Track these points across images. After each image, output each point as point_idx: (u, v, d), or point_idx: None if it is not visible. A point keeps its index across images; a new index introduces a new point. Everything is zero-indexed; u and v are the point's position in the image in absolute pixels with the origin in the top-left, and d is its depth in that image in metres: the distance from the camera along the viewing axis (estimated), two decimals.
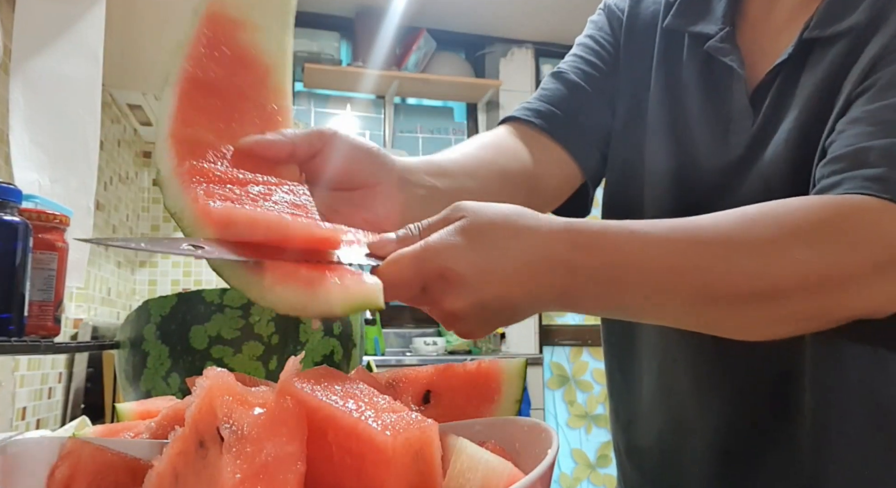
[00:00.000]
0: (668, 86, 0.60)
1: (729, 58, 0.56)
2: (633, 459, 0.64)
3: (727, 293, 0.39)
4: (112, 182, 1.80)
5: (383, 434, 0.26)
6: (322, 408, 0.27)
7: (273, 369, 0.59)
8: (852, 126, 0.45)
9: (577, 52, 0.65)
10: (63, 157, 0.96)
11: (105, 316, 1.76)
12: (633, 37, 0.64)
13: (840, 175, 0.43)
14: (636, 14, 0.64)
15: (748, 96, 0.55)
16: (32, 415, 1.22)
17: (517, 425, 0.35)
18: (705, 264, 0.39)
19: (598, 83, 0.63)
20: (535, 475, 0.27)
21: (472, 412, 0.40)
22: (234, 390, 0.27)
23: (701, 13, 0.59)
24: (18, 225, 0.64)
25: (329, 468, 0.27)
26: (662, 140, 0.60)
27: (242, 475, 0.24)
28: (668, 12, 0.61)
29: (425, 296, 0.37)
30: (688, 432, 0.57)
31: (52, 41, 0.97)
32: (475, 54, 3.07)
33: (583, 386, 2.93)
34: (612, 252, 0.38)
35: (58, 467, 0.33)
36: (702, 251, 0.39)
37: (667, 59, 0.61)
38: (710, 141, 0.56)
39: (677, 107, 0.59)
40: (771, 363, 0.52)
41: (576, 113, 0.61)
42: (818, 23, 0.51)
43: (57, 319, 0.73)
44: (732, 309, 0.40)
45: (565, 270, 0.37)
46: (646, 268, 0.38)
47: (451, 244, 0.36)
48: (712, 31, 0.57)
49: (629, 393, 0.63)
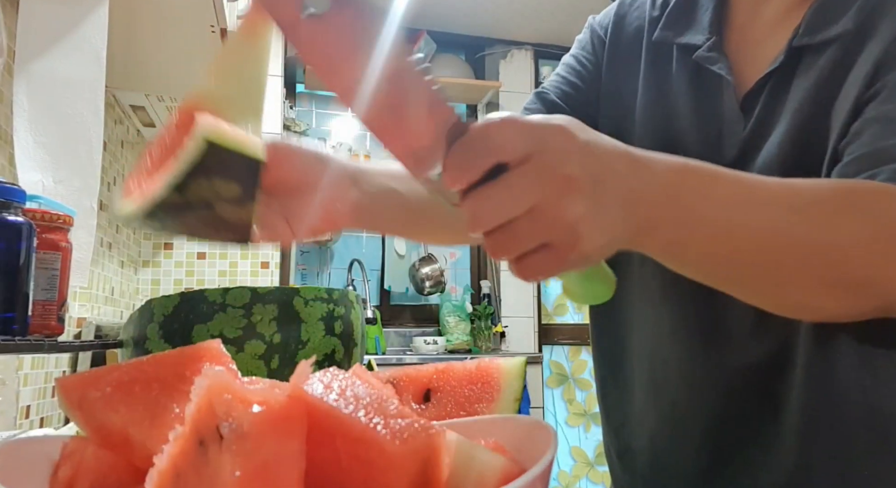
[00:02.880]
0: (656, 98, 0.61)
1: (717, 66, 0.57)
2: (624, 461, 0.64)
3: (796, 237, 0.39)
4: (115, 182, 1.81)
5: (392, 441, 0.26)
6: (331, 414, 0.27)
7: (275, 368, 0.59)
8: (869, 127, 0.46)
9: (561, 71, 0.68)
10: (66, 158, 0.96)
11: (108, 315, 1.77)
12: (617, 53, 0.65)
13: (867, 172, 0.44)
14: (620, 30, 0.66)
15: (738, 102, 0.55)
16: (36, 414, 1.22)
17: (517, 423, 0.35)
18: (779, 199, 0.39)
19: (577, 102, 0.65)
20: (535, 473, 0.27)
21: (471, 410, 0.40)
22: (233, 388, 0.27)
23: (687, 24, 0.60)
24: (22, 225, 0.64)
25: (336, 474, 0.27)
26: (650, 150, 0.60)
27: (243, 473, 0.25)
28: (653, 26, 0.63)
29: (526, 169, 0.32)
30: (679, 431, 0.57)
31: (56, 43, 0.97)
32: (475, 56, 3.07)
33: (582, 385, 2.93)
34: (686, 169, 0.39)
35: (61, 466, 0.33)
36: (774, 189, 0.40)
37: (654, 73, 0.62)
38: (700, 149, 0.57)
39: (665, 118, 0.60)
40: (762, 360, 0.53)
41: None
42: (806, 30, 0.52)
43: (60, 318, 0.74)
44: (793, 258, 0.40)
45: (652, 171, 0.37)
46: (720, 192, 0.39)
47: (559, 122, 0.34)
48: (699, 41, 0.59)
49: (621, 396, 0.64)
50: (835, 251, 0.40)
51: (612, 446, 0.66)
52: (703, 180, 0.39)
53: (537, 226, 0.33)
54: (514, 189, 0.32)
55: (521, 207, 0.32)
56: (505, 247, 0.34)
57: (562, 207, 0.32)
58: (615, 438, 0.65)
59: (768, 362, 0.52)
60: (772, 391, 0.52)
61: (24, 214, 0.66)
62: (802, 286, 0.41)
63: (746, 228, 0.39)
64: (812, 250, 0.39)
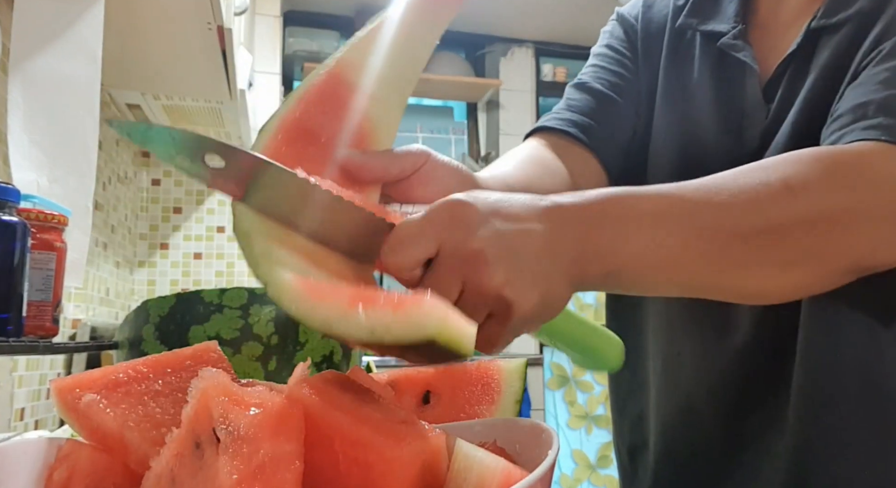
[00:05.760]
0: (677, 86, 0.61)
1: (742, 54, 0.57)
2: (636, 457, 0.64)
3: (728, 230, 0.39)
4: (111, 182, 1.80)
5: (391, 444, 0.26)
6: (329, 417, 0.27)
7: (272, 370, 0.59)
8: (854, 89, 0.47)
9: (597, 62, 0.65)
10: (62, 157, 0.96)
11: (104, 316, 1.76)
12: (647, 42, 0.65)
13: (840, 131, 0.44)
14: (648, 20, 0.66)
15: (761, 90, 0.55)
16: (31, 416, 1.22)
17: (517, 426, 0.35)
18: (702, 203, 0.39)
19: (623, 91, 0.63)
20: (536, 476, 0.27)
21: (472, 412, 0.40)
22: (229, 390, 0.27)
23: (712, 13, 0.60)
24: (17, 225, 0.64)
25: (335, 477, 0.27)
26: (668, 139, 0.60)
27: (239, 476, 0.24)
28: (677, 15, 0.62)
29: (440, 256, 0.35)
30: (694, 422, 0.58)
31: (51, 41, 0.96)
32: (475, 54, 3.07)
33: (583, 387, 2.93)
34: (605, 199, 0.38)
35: (56, 469, 0.33)
36: (696, 196, 0.40)
37: (675, 60, 0.62)
38: (722, 136, 0.57)
39: (685, 105, 0.60)
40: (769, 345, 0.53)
41: (607, 123, 0.61)
42: (825, 12, 0.53)
43: (55, 319, 0.73)
44: (734, 249, 0.39)
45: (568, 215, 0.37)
46: (642, 209, 0.38)
47: (456, 199, 0.35)
48: (725, 29, 0.58)
49: (635, 392, 0.64)
50: (771, 232, 0.39)
51: (623, 443, 0.66)
52: (623, 204, 0.38)
53: (471, 305, 0.34)
54: (439, 280, 0.34)
55: (453, 294, 0.34)
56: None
57: (482, 281, 0.34)
58: (628, 434, 0.66)
59: (775, 347, 0.53)
60: (780, 375, 0.53)
61: (18, 214, 0.66)
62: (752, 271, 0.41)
63: (678, 233, 0.38)
64: (750, 234, 0.39)
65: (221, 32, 1.26)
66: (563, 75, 3.08)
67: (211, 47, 1.31)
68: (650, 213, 0.38)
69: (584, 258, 0.36)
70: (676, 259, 0.39)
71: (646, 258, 0.38)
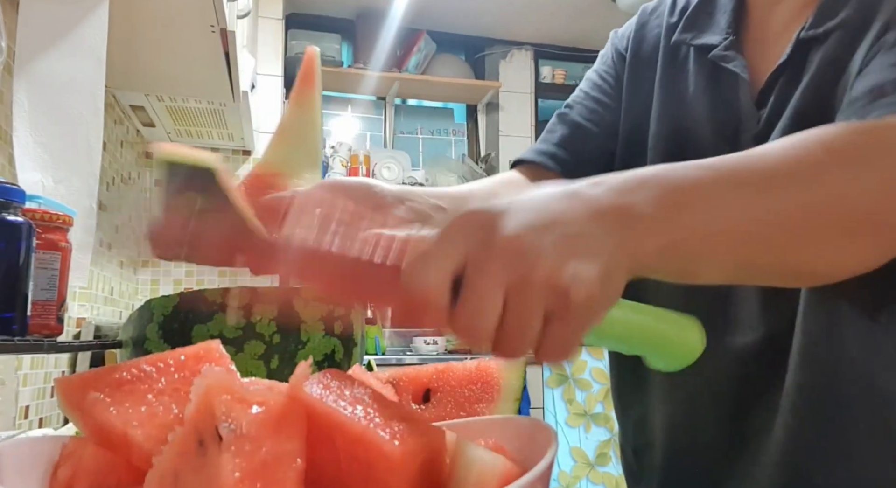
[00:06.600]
0: (673, 99, 0.62)
1: (733, 64, 0.57)
2: (641, 457, 0.65)
3: (793, 201, 0.38)
4: (115, 182, 1.81)
5: (391, 442, 0.26)
6: (330, 415, 0.27)
7: (274, 368, 0.59)
8: (864, 78, 0.47)
9: (584, 87, 0.69)
10: (66, 158, 0.96)
11: (108, 315, 1.77)
12: (638, 61, 0.66)
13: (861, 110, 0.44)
14: (641, 39, 0.67)
15: (754, 100, 0.56)
16: (35, 414, 1.22)
17: (517, 424, 0.35)
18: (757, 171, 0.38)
19: (601, 119, 0.66)
20: (535, 473, 0.27)
21: (471, 411, 0.40)
22: (232, 389, 0.27)
23: (705, 26, 0.62)
24: (22, 225, 0.64)
25: (336, 474, 0.27)
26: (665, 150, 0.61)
27: (242, 474, 0.25)
28: (671, 31, 0.64)
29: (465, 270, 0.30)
30: (697, 421, 0.58)
31: (56, 42, 0.97)
32: (475, 56, 3.07)
33: (582, 385, 2.93)
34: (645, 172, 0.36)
35: (60, 466, 0.33)
36: (741, 165, 0.39)
37: (670, 74, 0.63)
38: (718, 145, 0.57)
39: (682, 117, 0.61)
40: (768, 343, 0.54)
41: (582, 152, 0.65)
42: (813, 23, 0.53)
43: (60, 319, 0.74)
44: (804, 220, 0.38)
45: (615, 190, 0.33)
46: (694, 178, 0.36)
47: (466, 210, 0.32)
48: (716, 41, 0.59)
49: (638, 393, 0.64)
50: (835, 202, 0.38)
51: (628, 443, 0.67)
52: (672, 172, 0.36)
53: (522, 308, 0.29)
54: (476, 291, 0.29)
55: (497, 302, 0.29)
56: (515, 346, 0.30)
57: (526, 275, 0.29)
58: (633, 435, 0.66)
59: (774, 344, 0.53)
60: (780, 375, 0.53)
61: (23, 214, 0.66)
62: (820, 244, 0.39)
63: (737, 204, 0.36)
64: (813, 203, 0.38)
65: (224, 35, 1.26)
66: (561, 77, 3.09)
67: (214, 50, 1.32)
68: (704, 183, 0.36)
69: (635, 227, 0.32)
70: (738, 232, 0.36)
71: (707, 227, 0.35)
